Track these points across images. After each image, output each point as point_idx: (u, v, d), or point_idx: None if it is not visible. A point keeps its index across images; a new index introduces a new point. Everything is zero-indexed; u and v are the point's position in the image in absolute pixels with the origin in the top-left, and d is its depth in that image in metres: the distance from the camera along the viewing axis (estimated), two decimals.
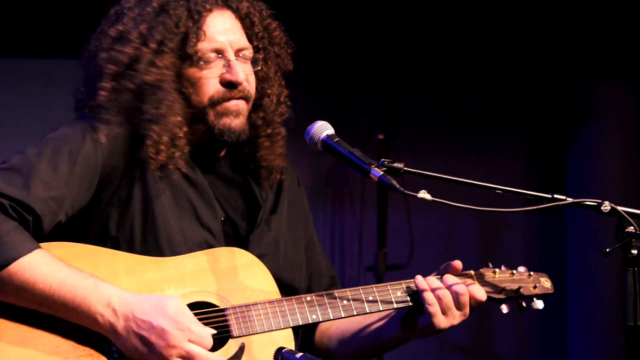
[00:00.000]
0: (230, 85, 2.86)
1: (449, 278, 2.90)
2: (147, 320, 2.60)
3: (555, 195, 2.72)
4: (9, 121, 5.55)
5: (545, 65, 6.42)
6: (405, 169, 2.75)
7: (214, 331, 2.69)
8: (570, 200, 2.72)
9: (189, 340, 2.61)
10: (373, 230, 6.10)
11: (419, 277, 2.90)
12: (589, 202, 2.69)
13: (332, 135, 2.81)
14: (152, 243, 2.77)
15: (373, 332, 3.03)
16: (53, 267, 2.61)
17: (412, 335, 2.97)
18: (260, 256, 2.88)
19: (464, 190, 2.80)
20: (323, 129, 2.82)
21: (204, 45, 2.84)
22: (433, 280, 2.89)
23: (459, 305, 2.87)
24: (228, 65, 2.86)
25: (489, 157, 6.41)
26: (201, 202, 2.87)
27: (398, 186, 2.68)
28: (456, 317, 2.88)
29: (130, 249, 2.76)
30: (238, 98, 2.88)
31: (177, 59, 2.83)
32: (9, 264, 2.57)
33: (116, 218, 2.77)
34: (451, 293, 2.86)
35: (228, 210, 2.93)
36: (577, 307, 6.19)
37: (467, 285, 2.89)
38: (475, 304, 2.91)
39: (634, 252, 2.57)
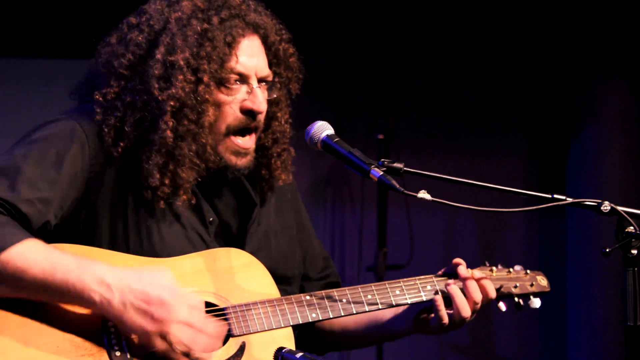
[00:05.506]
0: (250, 113, 2.84)
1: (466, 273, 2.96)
2: (144, 292, 2.59)
3: (555, 195, 2.72)
4: (9, 121, 5.55)
5: (546, 65, 6.42)
6: (405, 169, 2.75)
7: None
8: (570, 200, 2.72)
9: (188, 308, 2.61)
10: (373, 230, 6.10)
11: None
12: (589, 202, 2.69)
13: (332, 135, 2.82)
14: (146, 247, 2.77)
15: (380, 323, 3.05)
16: (45, 252, 2.60)
17: (424, 331, 3.01)
18: (253, 252, 2.88)
19: (464, 190, 2.81)
20: (323, 129, 2.82)
21: (232, 71, 2.81)
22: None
23: (474, 311, 2.94)
24: (250, 93, 2.84)
25: (489, 157, 6.42)
26: (189, 207, 2.85)
27: (398, 186, 2.68)
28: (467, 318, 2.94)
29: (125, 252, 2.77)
30: (251, 129, 2.86)
31: (215, 87, 2.81)
32: None
33: (107, 222, 2.77)
34: (467, 297, 2.92)
35: (219, 208, 2.93)
36: (577, 307, 6.19)
37: (479, 282, 2.93)
38: (486, 302, 2.95)
39: (634, 252, 2.57)
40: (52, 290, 2.60)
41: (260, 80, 2.86)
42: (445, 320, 2.91)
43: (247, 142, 2.87)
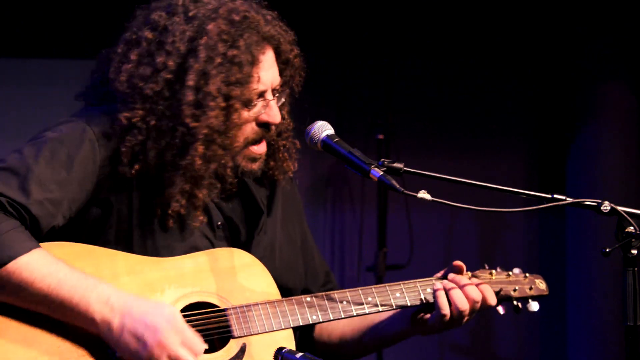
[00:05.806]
0: (266, 125, 2.85)
1: (463, 279, 2.94)
2: (142, 318, 2.60)
3: (555, 195, 2.72)
4: (9, 121, 5.56)
5: (546, 65, 6.42)
6: (405, 169, 2.75)
7: (206, 346, 2.68)
8: (570, 200, 2.72)
9: (182, 343, 2.61)
10: (373, 230, 6.10)
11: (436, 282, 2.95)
12: (588, 202, 2.69)
13: (332, 135, 2.82)
14: (150, 248, 2.78)
15: (378, 327, 3.05)
16: (52, 266, 2.61)
17: (423, 331, 3.01)
18: None
19: (464, 190, 2.81)
20: (323, 129, 2.83)
21: (255, 91, 2.81)
22: (447, 283, 2.93)
23: (473, 310, 2.92)
24: (267, 106, 2.84)
25: (489, 157, 6.41)
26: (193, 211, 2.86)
27: (398, 186, 2.68)
28: (465, 319, 2.93)
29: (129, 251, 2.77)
30: (264, 137, 2.87)
31: (241, 108, 2.81)
32: (7, 262, 2.57)
33: (115, 222, 2.77)
34: (465, 296, 2.91)
35: (227, 213, 2.93)
36: (577, 307, 6.19)
37: (478, 287, 2.93)
38: (485, 308, 2.95)
39: (634, 252, 2.57)
40: (55, 307, 2.60)
41: (274, 92, 2.87)
42: (446, 310, 2.88)
43: (262, 147, 2.88)
